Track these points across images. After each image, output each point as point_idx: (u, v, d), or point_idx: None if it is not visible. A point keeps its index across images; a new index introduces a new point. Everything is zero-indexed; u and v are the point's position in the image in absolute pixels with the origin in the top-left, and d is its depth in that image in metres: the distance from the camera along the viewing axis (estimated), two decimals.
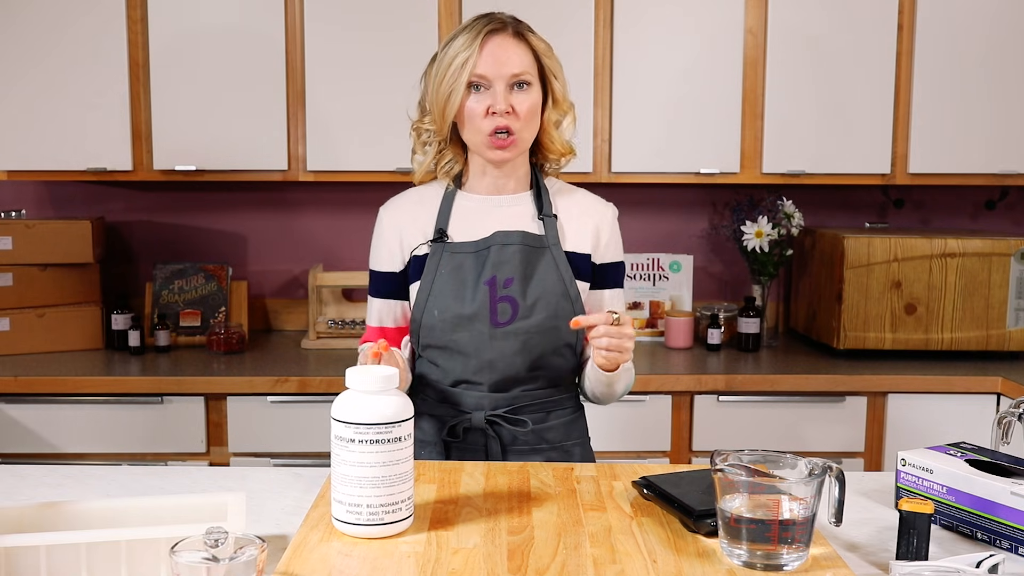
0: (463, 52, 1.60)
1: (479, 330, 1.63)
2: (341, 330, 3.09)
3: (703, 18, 2.93)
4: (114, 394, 2.69)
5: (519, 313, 1.63)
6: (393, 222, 1.72)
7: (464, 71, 1.60)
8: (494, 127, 1.61)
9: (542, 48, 1.66)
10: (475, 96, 1.62)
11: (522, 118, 1.62)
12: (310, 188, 3.28)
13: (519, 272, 1.64)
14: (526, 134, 1.65)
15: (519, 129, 1.63)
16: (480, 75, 1.60)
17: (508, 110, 1.61)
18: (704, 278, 3.37)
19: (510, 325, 1.63)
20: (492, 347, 1.64)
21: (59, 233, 2.97)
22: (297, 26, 2.89)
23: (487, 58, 1.60)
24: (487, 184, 1.71)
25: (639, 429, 2.75)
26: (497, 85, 1.61)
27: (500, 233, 1.66)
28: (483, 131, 1.62)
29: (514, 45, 1.62)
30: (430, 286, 1.66)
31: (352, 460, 1.20)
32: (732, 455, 1.19)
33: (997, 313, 2.89)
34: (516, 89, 1.62)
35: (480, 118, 1.62)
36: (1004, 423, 1.56)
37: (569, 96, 1.71)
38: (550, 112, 1.68)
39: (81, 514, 1.27)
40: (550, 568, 1.13)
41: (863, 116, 2.96)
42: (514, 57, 1.61)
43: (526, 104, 1.62)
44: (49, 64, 2.87)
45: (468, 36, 1.61)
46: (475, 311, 1.63)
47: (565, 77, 1.70)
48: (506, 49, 1.61)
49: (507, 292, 1.63)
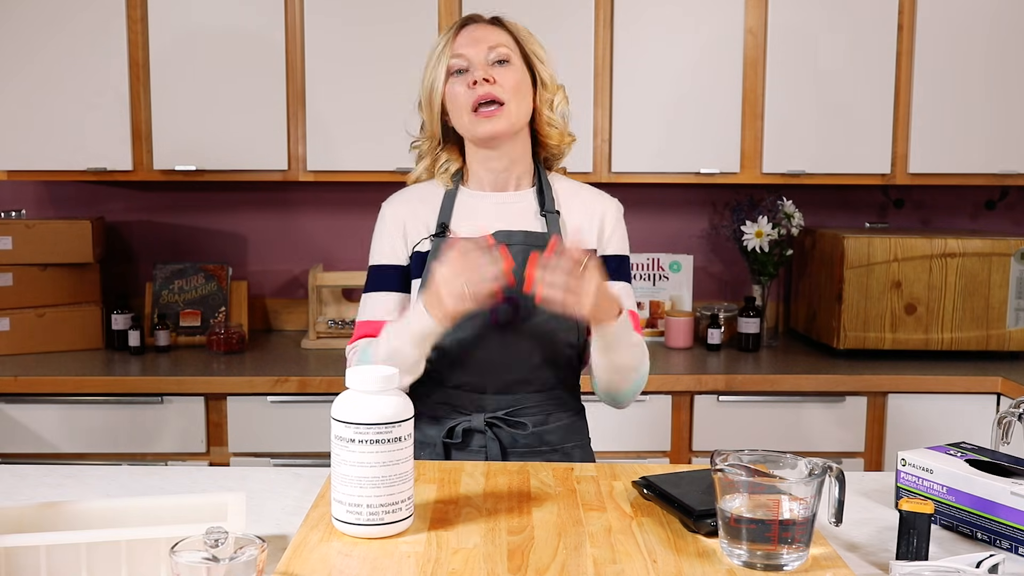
0: (440, 43, 1.66)
1: (479, 331, 1.62)
2: (341, 330, 3.09)
3: (703, 18, 2.93)
4: (114, 394, 2.69)
5: (520, 314, 1.62)
6: (396, 215, 1.71)
7: (442, 59, 1.64)
8: (476, 97, 1.61)
9: (522, 32, 1.68)
10: (456, 78, 1.64)
11: (508, 89, 1.62)
12: (310, 188, 3.28)
13: (520, 273, 1.62)
14: (514, 107, 1.63)
15: (507, 100, 1.61)
16: (458, 55, 1.63)
17: (488, 77, 1.61)
18: (704, 278, 3.37)
19: (510, 325, 1.62)
20: (492, 348, 1.62)
21: (59, 233, 2.97)
22: (297, 26, 2.89)
23: (463, 39, 1.64)
24: (489, 180, 1.70)
25: (639, 429, 2.75)
26: (475, 60, 1.62)
27: (502, 232, 1.64)
28: (468, 107, 1.62)
29: (490, 28, 1.66)
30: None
31: (352, 460, 1.20)
32: (732, 455, 1.19)
33: (997, 313, 2.89)
34: (497, 65, 1.63)
35: (463, 96, 1.62)
36: (1004, 423, 1.56)
37: (557, 80, 1.70)
38: (540, 95, 1.68)
39: (81, 514, 1.27)
40: (550, 568, 1.13)
41: (863, 116, 2.96)
42: (490, 35, 1.64)
43: (509, 78, 1.62)
44: (49, 64, 2.87)
45: (446, 31, 1.67)
46: (475, 312, 1.62)
47: (549, 59, 1.70)
48: (482, 30, 1.65)
49: (508, 293, 1.61)
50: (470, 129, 1.64)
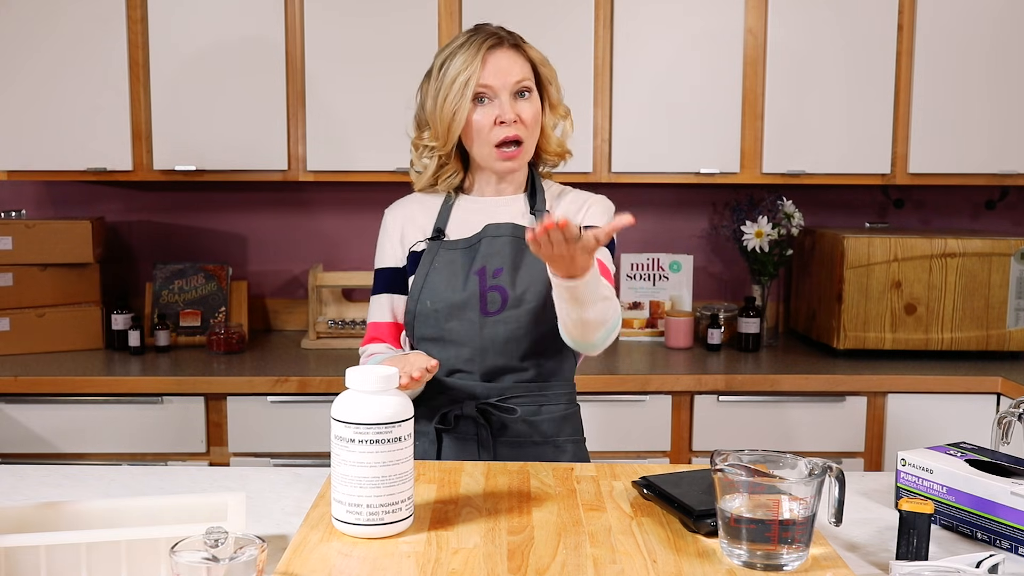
0: (466, 70, 1.65)
1: (470, 319, 1.68)
2: (341, 330, 3.09)
3: (703, 18, 2.93)
4: (114, 394, 2.69)
5: (508, 302, 1.68)
6: (396, 220, 1.79)
7: (468, 87, 1.65)
8: (503, 137, 1.67)
9: (539, 58, 1.73)
10: (480, 109, 1.68)
11: (528, 126, 1.69)
12: (310, 188, 3.28)
13: (508, 262, 1.69)
14: (530, 142, 1.72)
15: (525, 138, 1.69)
16: (485, 85, 1.66)
17: (515, 119, 1.67)
18: (704, 278, 3.36)
19: (500, 314, 1.67)
20: (483, 336, 1.68)
21: (59, 233, 2.97)
22: (297, 26, 2.89)
23: (490, 70, 1.66)
24: (489, 190, 1.78)
25: (639, 429, 2.75)
26: (502, 95, 1.67)
27: (491, 226, 1.72)
28: (491, 143, 1.68)
29: (514, 56, 1.69)
30: (424, 278, 1.72)
31: (352, 460, 1.20)
32: (732, 455, 1.19)
33: (997, 313, 2.89)
34: (519, 98, 1.69)
35: (488, 130, 1.67)
36: (1004, 423, 1.56)
37: (564, 101, 1.78)
38: (548, 117, 1.75)
39: (81, 514, 1.27)
40: (550, 568, 1.13)
41: (863, 116, 2.96)
42: (515, 67, 1.68)
43: (530, 112, 1.69)
44: (49, 64, 2.87)
45: (468, 53, 1.66)
46: (465, 300, 1.68)
47: (559, 83, 1.76)
48: (507, 60, 1.68)
49: (497, 282, 1.68)
50: (489, 162, 1.71)
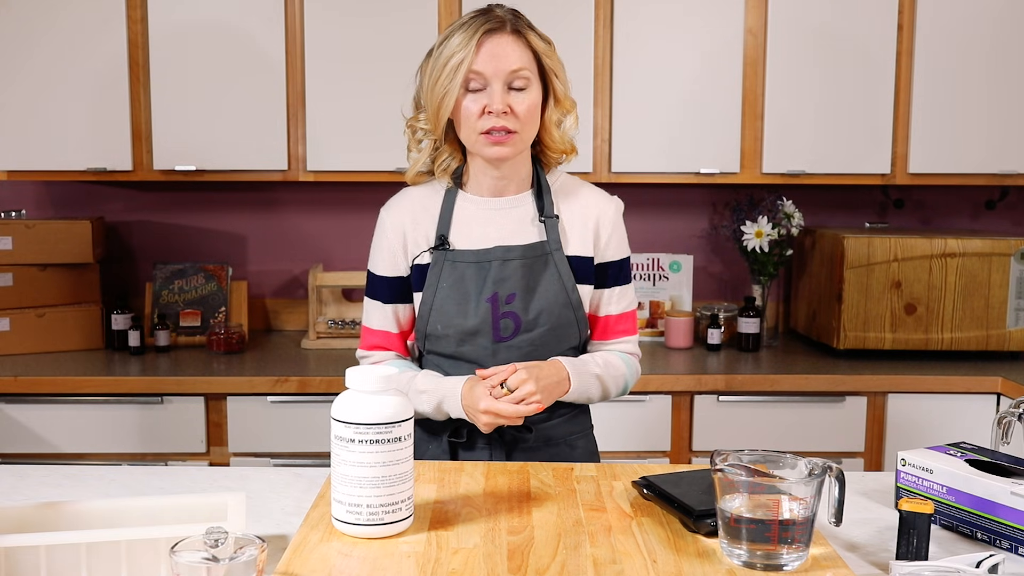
0: (459, 52, 1.56)
1: (483, 345, 1.65)
2: (341, 330, 3.09)
3: (703, 18, 2.93)
4: (114, 394, 2.69)
5: (522, 327, 1.64)
6: (396, 226, 1.69)
7: (459, 71, 1.56)
8: (490, 127, 1.58)
9: (542, 48, 1.61)
10: (471, 96, 1.59)
11: (521, 118, 1.59)
12: (310, 188, 3.27)
13: (520, 286, 1.64)
14: (526, 133, 1.62)
15: (518, 129, 1.59)
16: (476, 71, 1.57)
17: (505, 110, 1.57)
18: (704, 278, 3.37)
19: (513, 339, 1.65)
20: (496, 360, 1.64)
21: (59, 233, 2.97)
22: (297, 26, 2.89)
23: (484, 56, 1.56)
24: (488, 185, 1.69)
25: (639, 429, 2.75)
26: (494, 84, 1.57)
27: (501, 248, 1.64)
28: (478, 130, 1.59)
29: (512, 43, 1.58)
30: (432, 299, 1.65)
31: (352, 460, 1.20)
32: (732, 455, 1.19)
33: (997, 313, 2.89)
34: (513, 90, 1.59)
35: (475, 118, 1.59)
36: (1004, 423, 1.56)
37: (571, 94, 1.68)
38: (551, 111, 1.65)
39: (81, 514, 1.27)
40: (550, 568, 1.13)
41: (863, 116, 2.96)
42: (512, 54, 1.57)
43: (524, 104, 1.59)
44: (49, 64, 2.87)
45: (465, 35, 1.57)
46: (477, 327, 1.64)
47: (566, 75, 1.67)
48: (504, 47, 1.57)
49: (509, 308, 1.63)
50: (477, 149, 1.63)
